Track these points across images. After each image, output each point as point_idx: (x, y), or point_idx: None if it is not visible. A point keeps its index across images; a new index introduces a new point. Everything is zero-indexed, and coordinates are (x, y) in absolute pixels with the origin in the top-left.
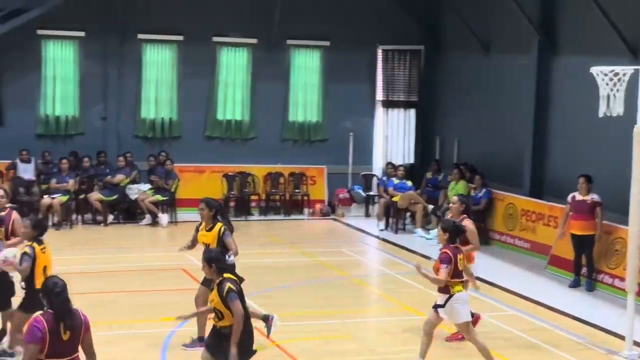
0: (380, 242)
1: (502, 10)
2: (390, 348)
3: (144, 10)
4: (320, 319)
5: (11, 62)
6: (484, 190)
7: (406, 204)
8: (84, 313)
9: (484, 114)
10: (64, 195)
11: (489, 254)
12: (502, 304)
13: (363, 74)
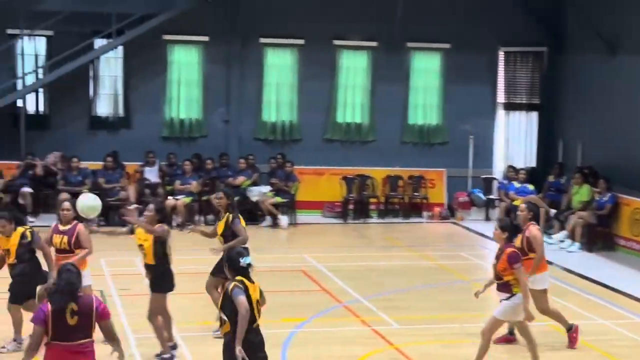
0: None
1: (629, 9)
2: (511, 354)
3: (266, 14)
4: (439, 323)
5: (138, 67)
6: (608, 194)
7: None
8: (103, 303)
9: (610, 116)
10: (187, 197)
11: (613, 260)
12: (628, 311)
13: (484, 77)
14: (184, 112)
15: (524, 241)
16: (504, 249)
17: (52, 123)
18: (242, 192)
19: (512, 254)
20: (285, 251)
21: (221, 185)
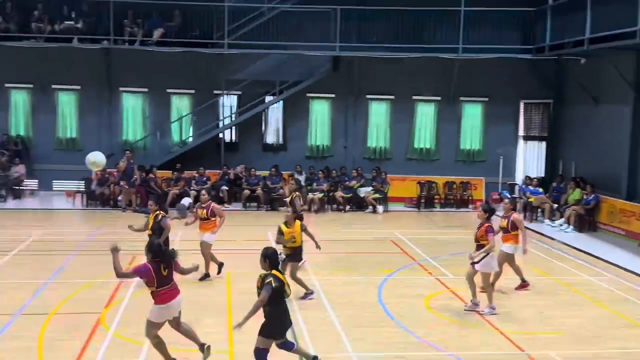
0: None
1: (607, 75)
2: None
3: (370, 80)
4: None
5: (291, 113)
6: (593, 195)
7: (538, 203)
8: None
9: (593, 144)
10: (320, 193)
11: (595, 238)
12: (605, 270)
13: (510, 119)
14: (319, 141)
15: (508, 223)
16: (484, 224)
17: (240, 147)
18: (354, 191)
19: (488, 227)
20: (380, 228)
21: (341, 187)
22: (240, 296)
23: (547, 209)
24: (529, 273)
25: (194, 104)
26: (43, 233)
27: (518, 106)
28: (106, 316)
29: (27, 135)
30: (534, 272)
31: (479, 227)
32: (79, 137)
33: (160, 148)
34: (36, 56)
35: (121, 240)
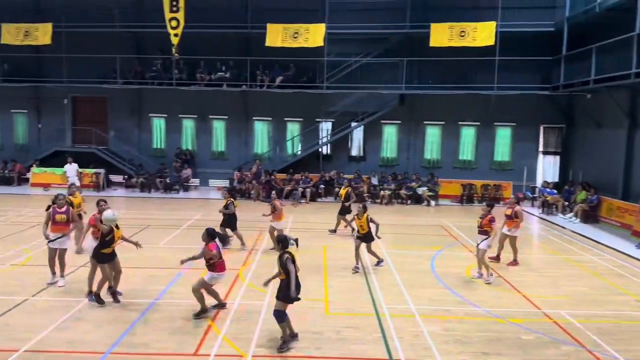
0: (538, 220)
1: (607, 106)
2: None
3: (427, 110)
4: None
5: (370, 135)
6: (595, 196)
7: (553, 201)
8: None
9: (597, 157)
10: (389, 191)
11: (597, 228)
12: (604, 252)
13: (533, 139)
14: (388, 154)
15: (513, 212)
16: (487, 214)
17: (333, 158)
18: (414, 190)
19: (492, 218)
20: (433, 217)
21: (404, 187)
22: (331, 261)
23: (560, 206)
24: (545, 252)
25: (302, 128)
26: (202, 214)
27: (538, 129)
28: (243, 272)
29: (193, 149)
30: (549, 252)
31: (483, 217)
32: (226, 150)
33: (279, 158)
34: (199, 96)
35: (250, 220)
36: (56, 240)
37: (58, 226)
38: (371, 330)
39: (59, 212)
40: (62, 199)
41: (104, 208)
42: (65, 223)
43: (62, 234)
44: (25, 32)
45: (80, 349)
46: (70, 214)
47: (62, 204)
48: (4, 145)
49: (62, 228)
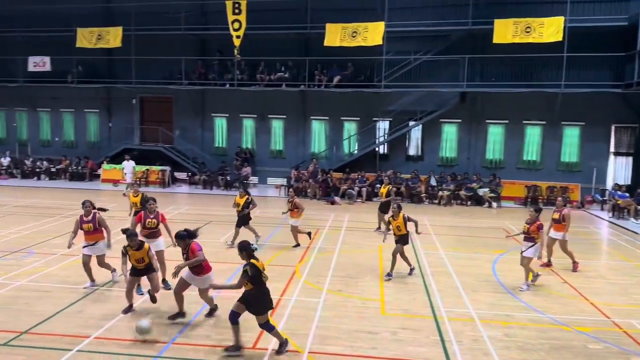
0: (608, 224)
1: None
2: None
3: (488, 109)
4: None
5: (428, 134)
6: None
7: (625, 205)
8: None
9: None
10: (448, 192)
11: None
12: None
13: (603, 139)
14: (448, 153)
15: (561, 216)
16: (535, 220)
17: (390, 157)
18: (474, 191)
19: (540, 225)
20: (495, 219)
21: (465, 187)
22: (387, 262)
23: (632, 210)
24: (615, 259)
25: (359, 127)
26: (260, 211)
27: (609, 129)
28: (299, 269)
29: (252, 147)
30: (619, 259)
31: (531, 223)
32: (284, 149)
33: (335, 157)
34: (259, 96)
35: (307, 218)
36: (87, 247)
37: (87, 235)
38: (428, 333)
39: (85, 222)
40: (88, 206)
41: (153, 207)
42: (94, 231)
43: (94, 242)
44: (98, 35)
45: (149, 337)
46: (97, 221)
47: (88, 211)
48: (77, 143)
49: (92, 237)
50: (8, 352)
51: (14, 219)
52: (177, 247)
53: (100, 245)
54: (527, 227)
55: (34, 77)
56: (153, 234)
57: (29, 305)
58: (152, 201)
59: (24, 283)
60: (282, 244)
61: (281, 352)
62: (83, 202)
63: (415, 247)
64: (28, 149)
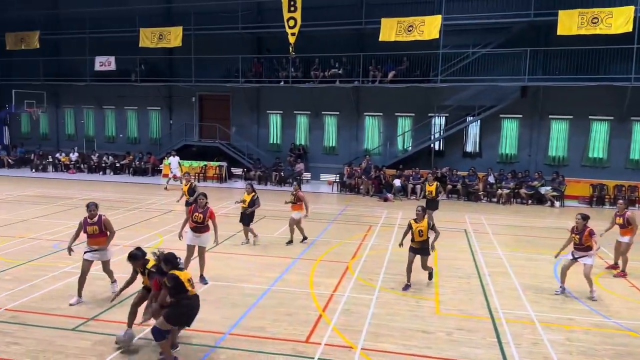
0: None
1: None
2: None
3: (552, 104)
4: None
5: (487, 129)
6: None
7: None
8: None
9: None
10: (507, 190)
11: None
12: None
13: None
14: (507, 150)
15: (624, 220)
16: (584, 228)
17: (445, 154)
18: (536, 189)
19: (591, 231)
20: (557, 219)
21: (525, 186)
22: (442, 260)
23: None
24: None
25: (414, 123)
26: (313, 207)
27: None
28: (352, 265)
29: (306, 144)
30: None
31: (580, 232)
32: (337, 145)
33: (389, 153)
34: (313, 93)
35: (359, 214)
36: (90, 253)
37: (91, 239)
38: (485, 334)
39: (89, 224)
40: (93, 209)
41: (203, 202)
42: (99, 234)
43: (98, 247)
44: (159, 35)
45: (205, 327)
46: (102, 223)
47: (93, 214)
48: (140, 139)
49: (96, 240)
50: (77, 336)
51: (81, 211)
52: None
53: (105, 250)
54: (578, 237)
55: (100, 76)
56: (199, 228)
57: (92, 294)
58: (202, 196)
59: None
60: (335, 240)
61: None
62: (87, 205)
63: (472, 246)
64: (94, 144)
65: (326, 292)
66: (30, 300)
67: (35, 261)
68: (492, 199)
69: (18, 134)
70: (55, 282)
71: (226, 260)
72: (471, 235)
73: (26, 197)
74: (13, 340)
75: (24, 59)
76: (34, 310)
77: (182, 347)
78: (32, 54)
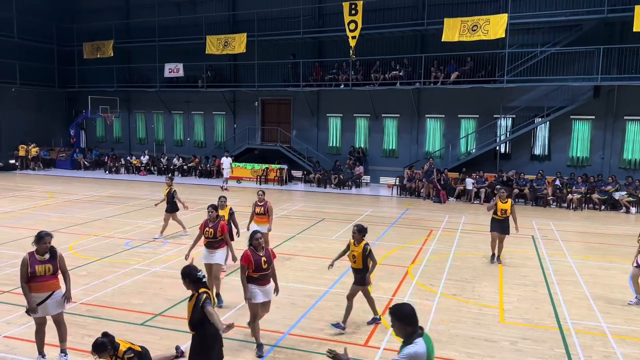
0: None
1: None
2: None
3: (629, 103)
4: None
5: (555, 131)
6: None
7: None
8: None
9: None
10: (578, 195)
11: None
12: None
13: None
14: (579, 153)
15: None
16: None
17: (512, 156)
18: (609, 194)
19: None
20: (633, 226)
21: (598, 190)
22: (508, 267)
23: None
24: None
25: (478, 125)
26: (372, 210)
27: None
28: (412, 269)
29: (365, 147)
30: None
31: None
32: (397, 148)
33: (451, 156)
34: (372, 96)
35: (420, 218)
36: (40, 305)
37: (38, 282)
38: (552, 345)
39: (39, 262)
40: (47, 241)
41: (213, 215)
42: (50, 277)
43: (50, 291)
44: (224, 42)
45: (265, 327)
46: (58, 263)
47: (44, 248)
48: (206, 143)
49: (44, 285)
50: (145, 331)
51: (151, 211)
52: (236, 263)
53: (54, 301)
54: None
55: (169, 82)
56: (211, 244)
57: (162, 290)
58: (211, 208)
59: (158, 270)
60: (394, 244)
61: None
62: (39, 237)
63: (540, 253)
64: (164, 148)
65: (385, 296)
66: (103, 295)
67: (108, 258)
68: (562, 204)
69: (93, 137)
70: (126, 279)
71: (287, 261)
72: (539, 242)
73: (101, 197)
74: (87, 332)
75: (98, 67)
76: (107, 305)
77: (243, 345)
78: (106, 62)
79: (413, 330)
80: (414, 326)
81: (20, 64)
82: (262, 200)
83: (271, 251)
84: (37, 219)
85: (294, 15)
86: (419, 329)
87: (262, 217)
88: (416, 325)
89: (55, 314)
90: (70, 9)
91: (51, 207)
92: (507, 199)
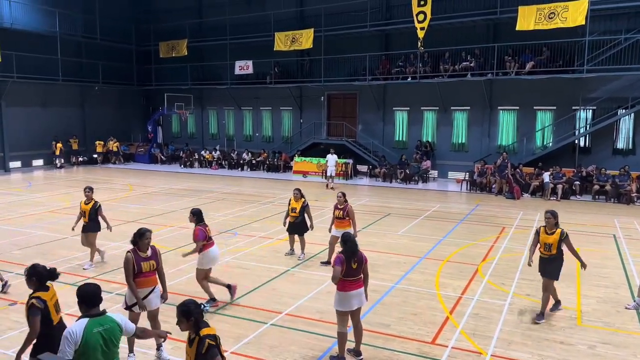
0: None
1: None
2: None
3: None
4: None
5: (638, 124)
6: None
7: None
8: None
9: None
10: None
11: None
12: None
13: None
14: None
15: None
16: None
17: (592, 150)
18: None
19: None
20: None
21: None
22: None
23: None
24: None
25: (555, 117)
26: (440, 206)
27: None
28: (482, 268)
29: (433, 140)
30: None
31: None
32: (466, 142)
33: (526, 150)
34: (441, 88)
35: (492, 215)
36: None
37: (142, 278)
38: (635, 351)
39: (143, 259)
40: (148, 237)
41: (147, 242)
42: (152, 272)
43: (149, 287)
44: (292, 38)
45: (328, 319)
46: (159, 259)
47: (146, 244)
48: (274, 138)
49: (148, 280)
50: (218, 319)
51: (223, 204)
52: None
53: None
54: None
55: (239, 79)
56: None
57: (233, 280)
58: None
59: (229, 260)
60: (464, 241)
61: None
62: (140, 232)
63: (622, 253)
64: (234, 143)
65: (454, 294)
66: (177, 283)
67: (182, 248)
68: None
69: (169, 133)
70: None
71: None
72: (621, 241)
73: (176, 190)
74: (164, 318)
75: (173, 66)
76: (180, 293)
77: (308, 336)
78: (180, 61)
79: (85, 310)
80: (88, 306)
81: (102, 64)
82: (342, 203)
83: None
84: (118, 209)
85: (360, 9)
86: (93, 310)
87: (342, 221)
88: (91, 306)
89: (154, 309)
90: (147, 10)
91: (131, 199)
92: (555, 227)
